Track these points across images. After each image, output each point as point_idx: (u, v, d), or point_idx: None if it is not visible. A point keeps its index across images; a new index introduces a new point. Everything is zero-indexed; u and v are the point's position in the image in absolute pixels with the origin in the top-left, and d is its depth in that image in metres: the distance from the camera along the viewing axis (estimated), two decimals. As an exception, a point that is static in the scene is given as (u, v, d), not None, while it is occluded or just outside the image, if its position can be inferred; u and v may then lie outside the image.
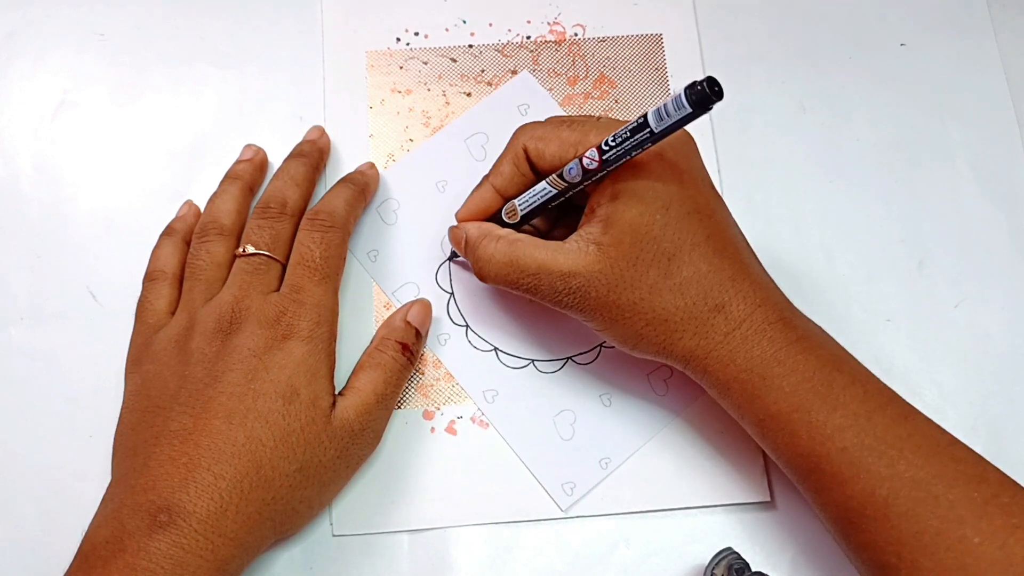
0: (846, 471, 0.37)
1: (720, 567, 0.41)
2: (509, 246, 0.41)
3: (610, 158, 0.38)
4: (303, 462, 0.39)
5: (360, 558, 0.44)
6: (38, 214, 0.49)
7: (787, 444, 0.38)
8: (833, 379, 0.38)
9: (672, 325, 0.39)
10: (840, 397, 0.38)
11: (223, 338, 0.41)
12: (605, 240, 0.39)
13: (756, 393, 0.39)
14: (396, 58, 0.51)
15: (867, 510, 0.36)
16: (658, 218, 0.39)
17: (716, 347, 0.39)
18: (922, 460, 0.36)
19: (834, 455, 0.37)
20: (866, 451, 0.37)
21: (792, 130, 0.51)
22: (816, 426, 0.37)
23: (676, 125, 0.36)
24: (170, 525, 0.36)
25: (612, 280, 0.39)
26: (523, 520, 0.44)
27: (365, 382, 0.42)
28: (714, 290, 0.39)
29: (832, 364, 0.39)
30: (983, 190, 0.50)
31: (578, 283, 0.39)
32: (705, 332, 0.39)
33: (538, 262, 0.40)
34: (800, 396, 0.38)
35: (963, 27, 0.53)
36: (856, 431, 0.37)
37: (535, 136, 0.42)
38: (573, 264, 0.39)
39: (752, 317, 0.39)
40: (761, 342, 0.38)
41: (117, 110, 0.50)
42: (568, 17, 0.52)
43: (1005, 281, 0.49)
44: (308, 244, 0.43)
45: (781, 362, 0.38)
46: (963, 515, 0.35)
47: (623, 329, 0.40)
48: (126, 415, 0.42)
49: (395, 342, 0.44)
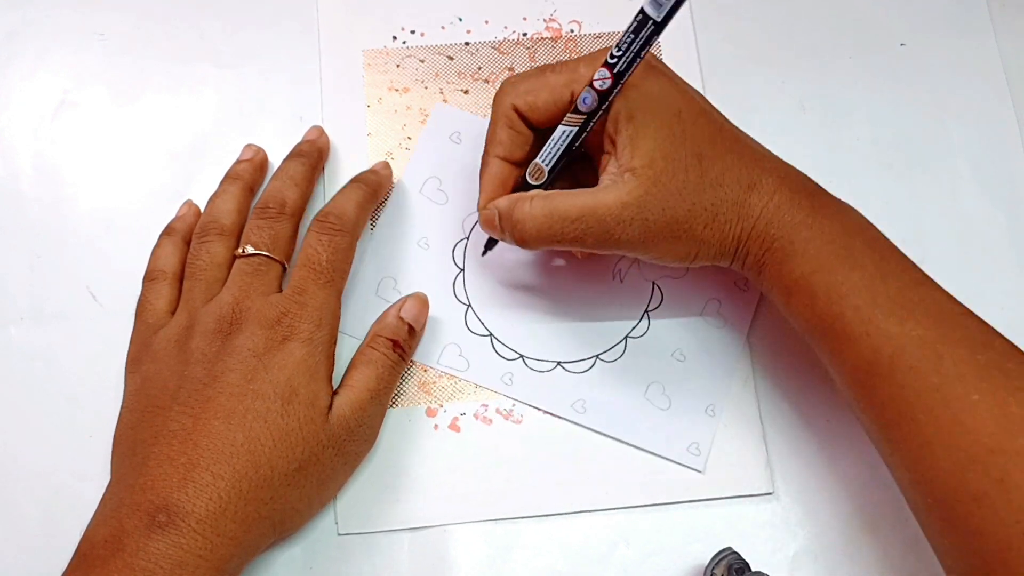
0: (858, 329, 0.38)
1: (720, 567, 0.41)
2: (545, 200, 0.41)
3: (621, 68, 0.39)
4: (302, 461, 0.39)
5: (361, 557, 0.44)
6: (38, 214, 0.49)
7: (807, 306, 0.39)
8: (854, 243, 0.39)
9: (723, 217, 0.40)
10: (859, 259, 0.39)
11: (223, 338, 0.41)
12: (638, 163, 0.39)
13: (785, 257, 0.40)
14: (393, 56, 0.51)
15: (875, 367, 0.38)
16: (676, 127, 0.40)
17: (756, 223, 0.40)
18: (931, 321, 0.37)
19: (848, 314, 0.38)
20: (878, 310, 0.38)
21: (792, 130, 0.51)
22: (834, 286, 0.39)
23: (674, 6, 0.37)
24: (169, 525, 0.36)
25: (662, 197, 0.39)
26: (528, 516, 0.44)
27: (358, 379, 0.42)
28: (744, 172, 0.40)
29: (855, 229, 0.40)
30: (983, 190, 0.50)
31: (630, 213, 0.39)
32: (747, 213, 0.40)
33: (580, 207, 0.40)
34: (822, 258, 0.39)
35: (963, 27, 0.52)
36: (870, 291, 0.38)
37: (521, 92, 0.42)
38: (619, 196, 0.39)
39: (781, 189, 0.40)
40: (791, 209, 0.40)
41: (117, 110, 0.50)
42: (564, 14, 0.52)
43: (1005, 281, 0.49)
44: (316, 246, 0.43)
45: (808, 226, 0.40)
46: (964, 373, 0.36)
47: (684, 243, 0.40)
48: (126, 415, 0.42)
49: (386, 339, 0.44)
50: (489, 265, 0.48)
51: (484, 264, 0.48)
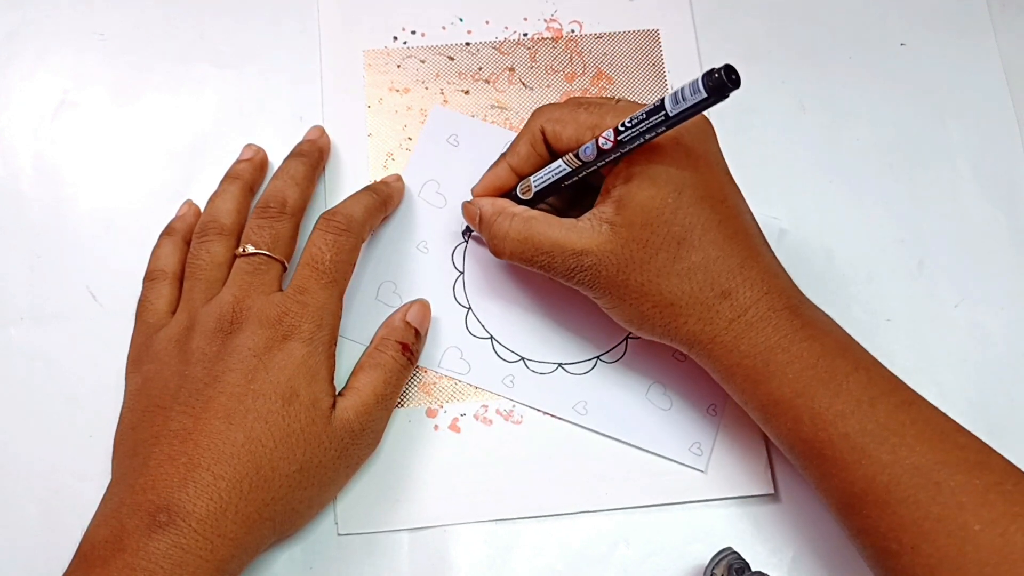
0: (848, 457, 0.37)
1: (720, 567, 0.41)
2: (524, 223, 0.42)
3: (625, 139, 0.39)
4: (303, 463, 0.39)
5: (361, 557, 0.44)
6: (38, 214, 0.49)
7: (790, 430, 0.39)
8: (837, 366, 0.38)
9: (677, 309, 0.39)
10: (843, 384, 0.38)
11: (223, 338, 0.41)
12: (617, 220, 0.39)
13: (759, 379, 0.39)
14: (393, 57, 0.51)
15: (869, 496, 0.37)
16: (670, 201, 0.39)
17: (720, 333, 0.39)
18: (924, 447, 0.36)
19: (837, 441, 0.37)
20: (868, 437, 0.37)
21: (792, 130, 0.51)
22: (819, 412, 0.38)
23: (691, 110, 0.36)
24: (169, 525, 0.36)
25: (622, 260, 0.39)
26: (528, 516, 0.44)
27: (365, 382, 0.42)
28: (722, 276, 0.39)
29: (837, 351, 0.39)
30: (983, 190, 0.50)
31: (590, 261, 0.40)
32: (710, 318, 0.39)
33: (552, 240, 0.41)
34: (803, 382, 0.38)
35: (963, 27, 0.52)
36: (859, 417, 0.37)
37: (552, 118, 0.42)
38: (586, 243, 0.40)
39: (758, 304, 0.39)
40: (766, 329, 0.39)
41: (117, 110, 0.50)
42: (565, 14, 0.52)
43: (1005, 281, 0.49)
44: (320, 246, 0.43)
45: (785, 349, 0.38)
46: (964, 502, 0.35)
47: (629, 309, 0.41)
48: (126, 415, 0.42)
49: (395, 342, 0.44)
50: (489, 267, 0.48)
51: (484, 267, 0.48)
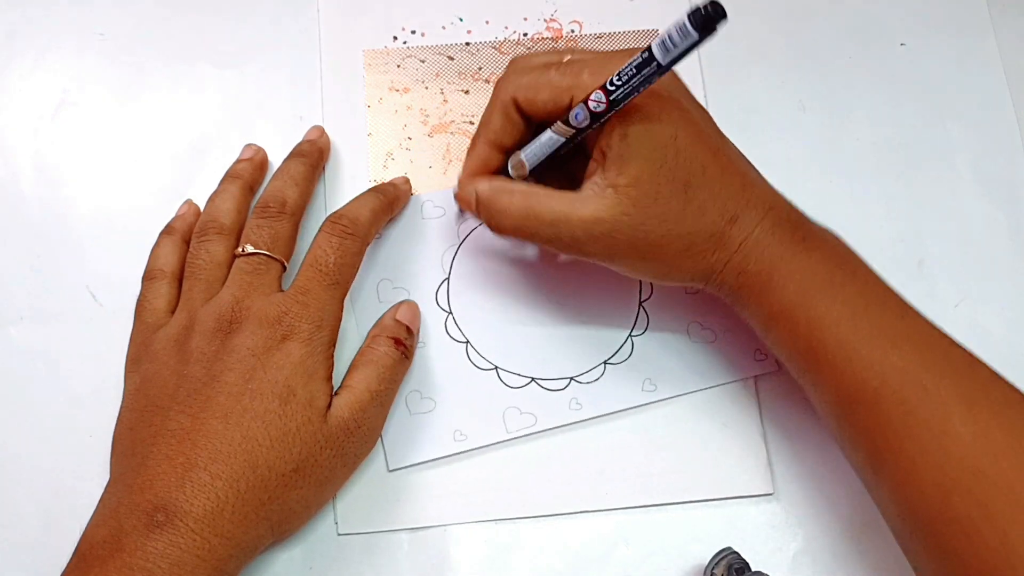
0: (841, 360, 0.38)
1: (720, 567, 0.41)
2: (524, 198, 0.41)
3: (618, 97, 0.38)
4: (300, 462, 0.39)
5: (360, 557, 0.44)
6: (38, 214, 0.49)
7: (789, 338, 0.40)
8: (835, 274, 0.39)
9: (699, 246, 0.40)
10: (841, 291, 0.39)
11: (223, 338, 0.41)
12: (622, 181, 0.39)
13: (764, 290, 0.40)
14: (393, 56, 0.51)
15: (859, 397, 0.38)
16: (669, 150, 0.39)
17: (733, 255, 0.40)
18: (914, 352, 0.38)
19: (831, 344, 0.38)
20: (861, 341, 0.38)
21: (792, 130, 0.51)
22: (816, 318, 0.39)
23: (682, 53, 0.36)
24: (167, 524, 0.36)
25: (639, 219, 0.39)
26: (528, 516, 0.44)
27: (359, 380, 0.42)
28: (728, 204, 0.40)
29: (836, 261, 0.40)
30: (983, 190, 0.50)
31: (603, 229, 0.40)
32: (725, 244, 0.40)
33: (555, 212, 0.40)
34: (803, 290, 0.39)
35: (963, 27, 0.52)
36: (853, 322, 0.38)
37: (523, 85, 0.41)
38: (595, 211, 0.39)
39: (763, 222, 0.40)
40: (771, 243, 0.40)
41: (117, 110, 0.50)
42: (565, 14, 0.52)
43: (1005, 281, 0.49)
44: (324, 247, 0.43)
45: (788, 260, 0.39)
46: (949, 403, 0.36)
47: (655, 263, 0.41)
48: (125, 414, 0.42)
49: (387, 337, 0.44)
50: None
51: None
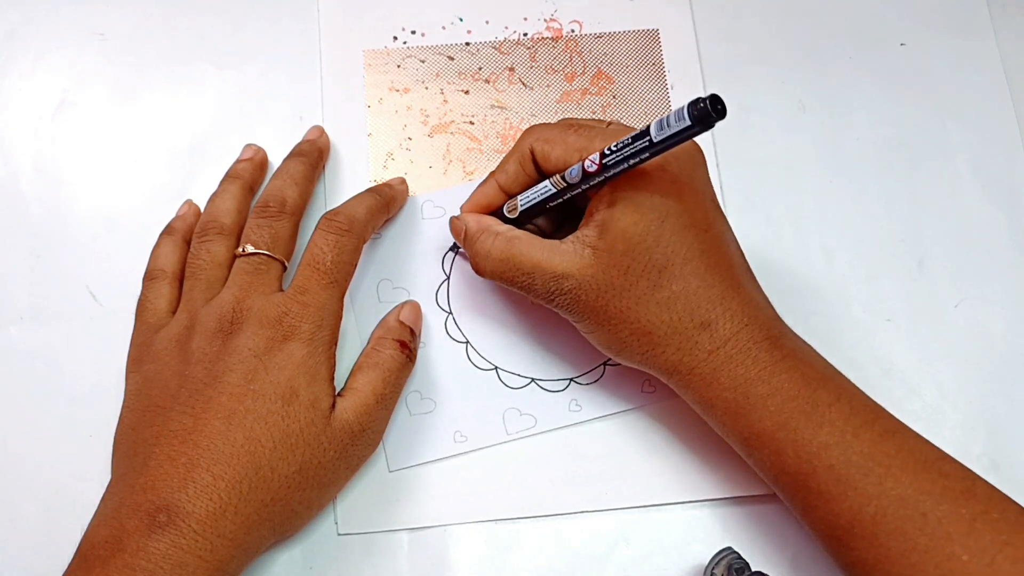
0: (833, 489, 0.37)
1: (720, 567, 0.41)
2: (506, 243, 0.41)
3: (610, 163, 0.38)
4: (302, 463, 0.39)
5: (360, 557, 0.44)
6: (38, 214, 0.49)
7: (773, 462, 0.38)
8: (819, 397, 0.38)
9: (656, 338, 0.39)
10: (826, 415, 0.37)
11: (224, 338, 0.41)
12: (599, 245, 0.39)
13: (740, 412, 0.39)
14: (393, 56, 0.51)
15: (855, 528, 0.36)
16: (652, 229, 0.39)
17: (699, 364, 0.39)
18: (910, 477, 0.36)
19: (821, 473, 0.37)
20: (853, 468, 0.36)
21: (792, 130, 0.51)
22: (802, 444, 0.37)
23: (676, 138, 0.36)
24: (169, 525, 0.36)
25: (602, 285, 0.39)
26: (528, 516, 0.44)
27: (364, 382, 0.42)
28: (702, 307, 0.39)
29: (818, 382, 0.38)
30: (983, 190, 0.50)
31: (569, 285, 0.40)
32: (689, 348, 0.39)
33: (533, 261, 0.40)
34: (785, 415, 0.38)
35: (963, 27, 0.52)
36: (843, 448, 0.37)
37: (542, 138, 0.42)
38: (567, 266, 0.40)
39: (738, 336, 0.39)
40: (745, 361, 0.38)
41: (117, 110, 0.50)
42: (565, 13, 0.52)
43: (1005, 281, 0.49)
44: (321, 246, 0.43)
45: (766, 381, 0.38)
46: (951, 532, 0.35)
47: (608, 335, 0.40)
48: (126, 415, 0.42)
49: (392, 340, 0.44)
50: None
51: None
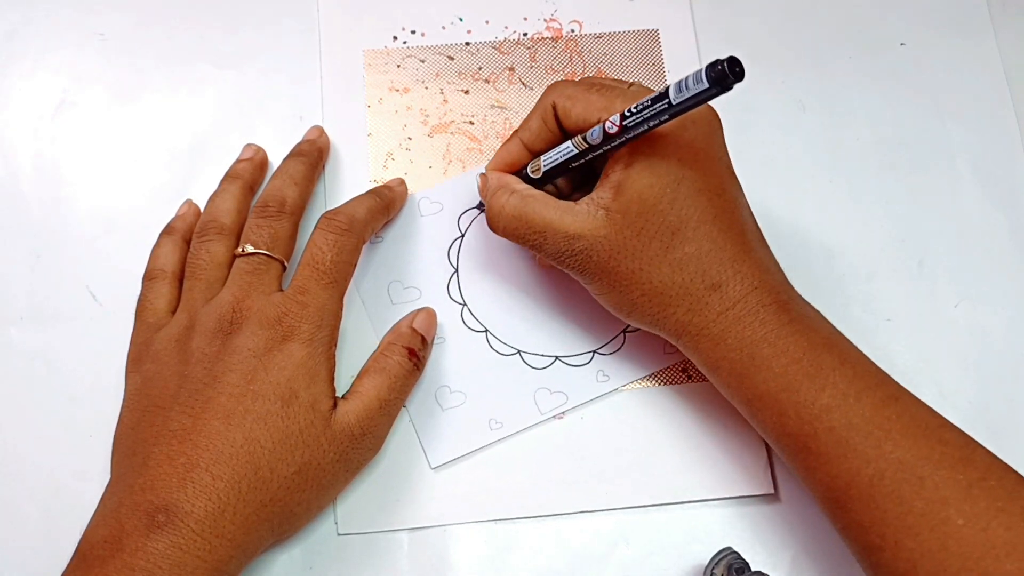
0: (833, 451, 0.37)
1: (720, 567, 0.41)
2: (521, 200, 0.42)
3: (629, 125, 0.38)
4: (301, 464, 0.39)
5: (360, 557, 0.44)
6: (38, 214, 0.49)
7: (776, 423, 0.39)
8: (823, 360, 0.38)
9: (667, 299, 0.39)
10: (829, 377, 0.38)
11: (224, 338, 0.41)
12: (613, 206, 0.39)
13: (745, 372, 0.39)
14: (393, 56, 0.51)
15: (853, 490, 0.37)
16: (668, 192, 0.39)
17: (708, 325, 0.39)
18: (909, 441, 0.37)
19: (822, 435, 0.37)
20: (853, 431, 0.37)
21: (792, 130, 0.51)
22: (804, 406, 0.38)
23: (694, 100, 0.36)
24: (168, 525, 0.36)
25: (615, 247, 0.39)
26: (528, 516, 0.44)
27: (369, 387, 0.42)
28: (713, 268, 0.39)
29: (823, 346, 0.39)
30: (983, 190, 0.50)
31: (581, 245, 0.40)
32: (699, 309, 0.39)
33: (546, 220, 0.40)
34: (789, 376, 0.38)
35: (963, 27, 0.52)
36: (844, 411, 0.37)
37: (564, 95, 0.42)
38: (579, 226, 0.40)
39: (747, 298, 0.39)
40: (753, 323, 0.39)
41: (117, 110, 0.50)
42: (565, 13, 0.52)
43: (1005, 281, 0.49)
44: (321, 246, 0.43)
45: (771, 343, 0.38)
46: (947, 497, 0.35)
47: (619, 296, 0.41)
48: (126, 414, 0.42)
49: (401, 347, 0.44)
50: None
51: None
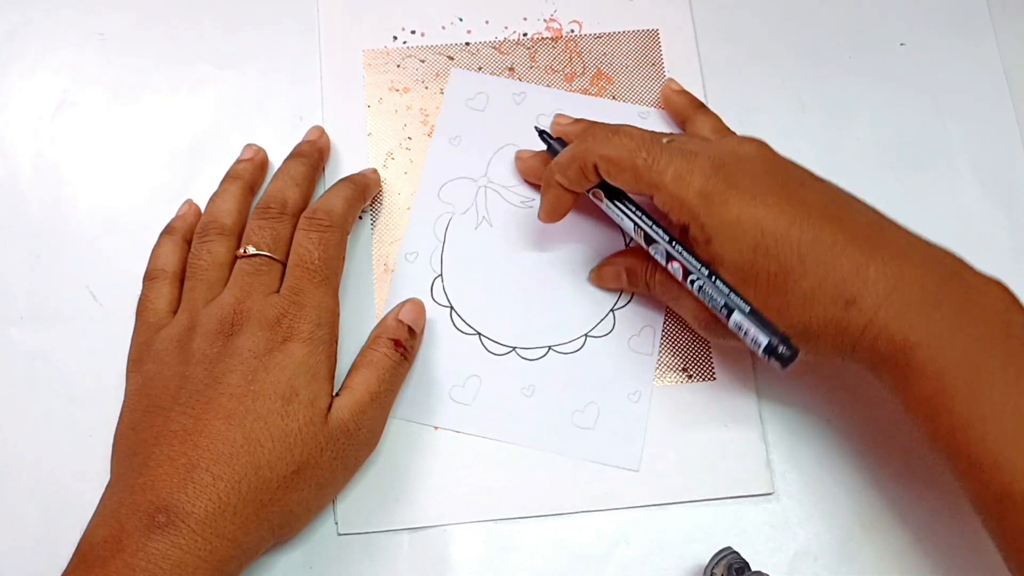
0: (987, 461, 0.35)
1: (720, 567, 0.41)
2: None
3: (695, 287, 0.40)
4: (300, 464, 0.39)
5: (360, 557, 0.44)
6: (38, 214, 0.49)
7: (928, 427, 0.37)
8: (982, 363, 0.36)
9: (813, 337, 0.38)
10: (987, 383, 0.36)
11: (224, 339, 0.41)
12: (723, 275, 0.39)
13: (902, 376, 0.37)
14: (393, 56, 0.51)
15: (1008, 499, 0.35)
16: (753, 242, 0.38)
17: (858, 340, 0.38)
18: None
19: (975, 444, 0.35)
20: (1009, 442, 0.35)
21: (792, 130, 0.51)
22: (958, 414, 0.36)
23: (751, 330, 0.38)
24: (168, 525, 0.36)
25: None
26: (528, 516, 0.44)
27: (359, 381, 0.42)
28: (839, 287, 0.37)
29: (983, 344, 0.36)
30: (983, 190, 0.50)
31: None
32: (844, 329, 0.38)
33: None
34: (944, 381, 0.36)
35: (963, 27, 0.52)
36: (999, 421, 0.35)
37: (605, 157, 0.41)
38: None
39: (885, 305, 0.37)
40: (901, 328, 0.37)
41: (117, 110, 0.50)
42: (564, 13, 0.52)
43: (1005, 281, 0.48)
44: (306, 245, 0.43)
45: (925, 346, 0.36)
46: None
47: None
48: (126, 414, 0.42)
49: (387, 339, 0.44)
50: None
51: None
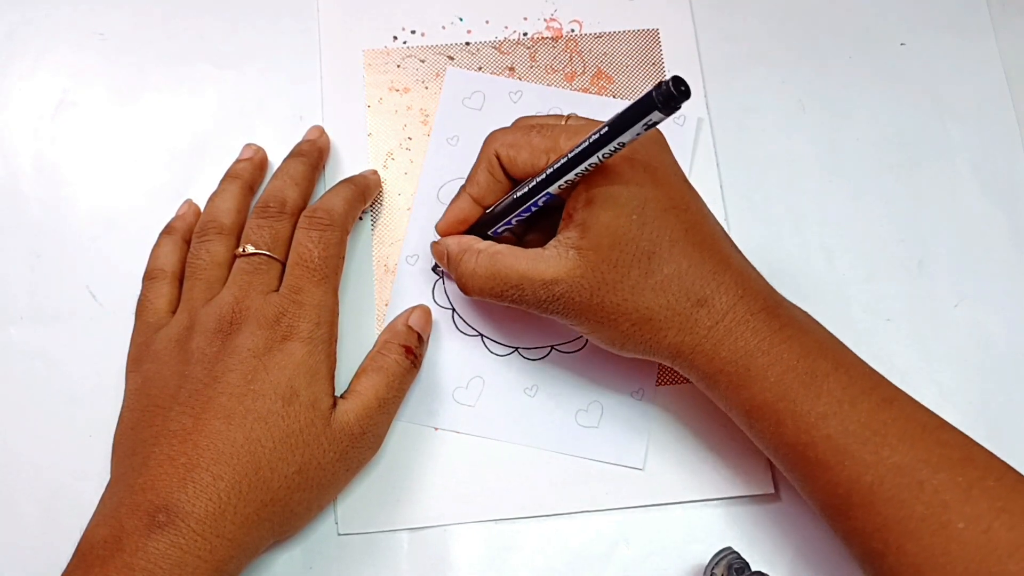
0: (831, 459, 0.37)
1: (720, 566, 0.41)
2: (490, 259, 0.41)
3: (573, 157, 0.38)
4: (301, 464, 0.39)
5: (360, 557, 0.44)
6: (38, 214, 0.49)
7: (773, 433, 0.39)
8: (817, 366, 0.38)
9: (656, 323, 0.39)
10: (824, 384, 0.38)
11: (224, 338, 0.41)
12: (584, 244, 0.39)
13: (741, 384, 0.39)
14: (393, 56, 0.51)
15: (853, 497, 0.37)
16: (634, 218, 0.39)
17: (701, 341, 0.39)
18: (906, 445, 0.37)
19: (819, 443, 0.37)
20: (851, 438, 0.37)
21: (792, 130, 0.51)
22: (800, 414, 0.38)
23: (643, 127, 0.35)
24: (168, 525, 0.36)
25: (594, 283, 0.39)
26: (528, 516, 0.44)
27: (367, 386, 0.42)
28: (696, 285, 0.39)
29: (817, 351, 0.39)
30: (983, 190, 0.50)
31: (561, 289, 0.39)
32: (689, 327, 0.39)
33: (519, 272, 0.40)
34: (784, 385, 0.38)
35: (963, 27, 0.52)
36: (840, 418, 0.37)
37: (506, 143, 0.42)
38: (555, 271, 0.39)
39: (735, 309, 0.39)
40: (744, 333, 0.39)
41: (117, 109, 0.50)
42: (565, 13, 0.52)
43: (1005, 281, 0.49)
44: (306, 244, 0.43)
45: (765, 352, 0.38)
46: (947, 500, 0.35)
47: (609, 331, 0.40)
48: (126, 414, 0.42)
49: (398, 345, 0.44)
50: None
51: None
